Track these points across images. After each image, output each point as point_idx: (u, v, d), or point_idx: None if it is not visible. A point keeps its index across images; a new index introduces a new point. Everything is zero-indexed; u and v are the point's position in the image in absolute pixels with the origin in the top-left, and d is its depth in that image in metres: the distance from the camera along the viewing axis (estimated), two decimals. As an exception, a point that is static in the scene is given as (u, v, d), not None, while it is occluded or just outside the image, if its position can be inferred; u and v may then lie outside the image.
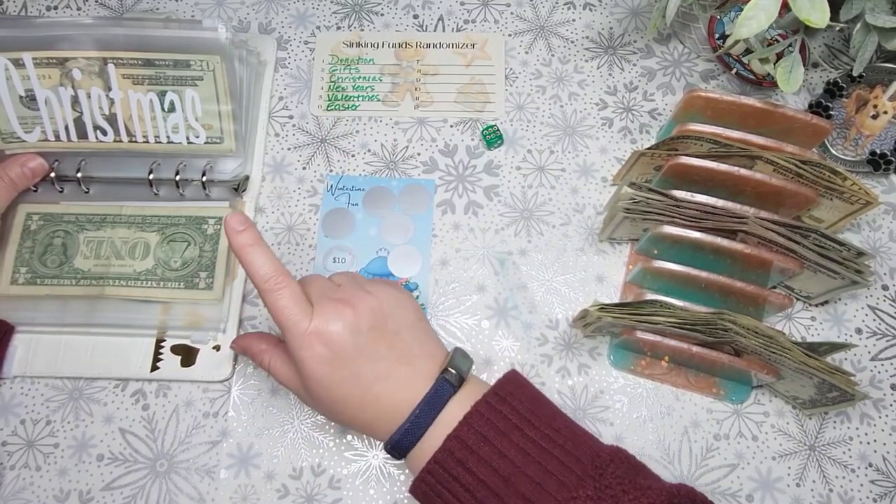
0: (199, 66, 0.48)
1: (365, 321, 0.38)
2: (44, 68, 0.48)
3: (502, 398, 0.38)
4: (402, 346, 0.39)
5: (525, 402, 0.38)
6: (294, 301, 0.38)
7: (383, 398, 0.38)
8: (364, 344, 0.38)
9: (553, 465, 0.35)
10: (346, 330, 0.38)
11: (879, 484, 0.46)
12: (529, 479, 0.35)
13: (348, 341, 0.38)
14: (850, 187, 0.44)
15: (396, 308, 0.40)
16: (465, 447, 0.36)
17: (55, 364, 0.48)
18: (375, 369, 0.38)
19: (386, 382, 0.38)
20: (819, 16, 0.41)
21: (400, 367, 0.39)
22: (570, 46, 0.57)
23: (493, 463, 0.36)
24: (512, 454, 0.36)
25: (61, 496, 0.45)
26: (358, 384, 0.38)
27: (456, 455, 0.36)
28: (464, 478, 0.36)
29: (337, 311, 0.38)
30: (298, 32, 0.58)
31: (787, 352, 0.41)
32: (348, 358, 0.38)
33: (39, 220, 0.50)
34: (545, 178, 0.53)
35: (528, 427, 0.37)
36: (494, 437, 0.36)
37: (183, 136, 0.50)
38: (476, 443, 0.36)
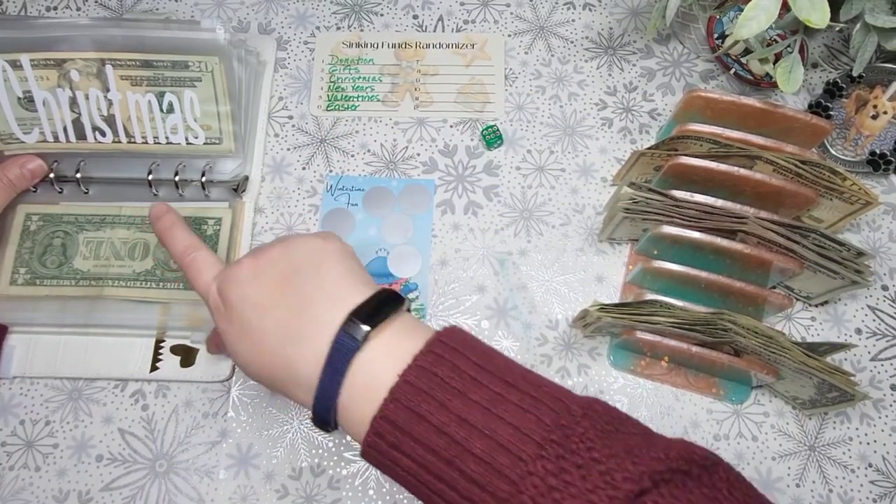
0: (198, 66, 0.48)
1: (263, 268, 0.34)
2: (41, 69, 0.48)
3: (439, 357, 0.31)
4: (299, 294, 0.33)
5: (469, 358, 0.31)
6: (206, 265, 0.36)
7: (281, 354, 0.32)
8: (255, 293, 0.33)
9: (505, 435, 0.28)
10: (240, 277, 0.34)
11: (879, 484, 0.45)
12: (476, 458, 0.28)
13: (235, 295, 0.34)
14: (850, 187, 0.44)
15: (308, 254, 0.35)
16: (397, 428, 0.29)
17: (54, 364, 0.48)
18: (269, 319, 0.33)
19: (281, 336, 0.32)
20: (819, 16, 0.41)
21: (295, 318, 0.33)
22: (569, 47, 0.57)
23: (432, 443, 0.29)
24: (452, 429, 0.29)
25: (60, 496, 0.45)
26: (253, 338, 0.33)
27: (387, 438, 0.30)
28: (402, 462, 0.30)
29: (237, 264, 0.35)
30: (298, 33, 0.57)
31: (787, 352, 0.41)
32: (240, 311, 0.33)
33: (39, 221, 0.50)
34: (545, 179, 0.53)
35: (473, 390, 0.30)
36: (429, 411, 0.29)
37: (182, 136, 0.50)
38: (408, 422, 0.29)
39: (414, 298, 0.50)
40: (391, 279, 0.50)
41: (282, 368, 0.33)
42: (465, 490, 0.28)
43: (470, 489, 0.28)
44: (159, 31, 0.47)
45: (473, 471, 0.28)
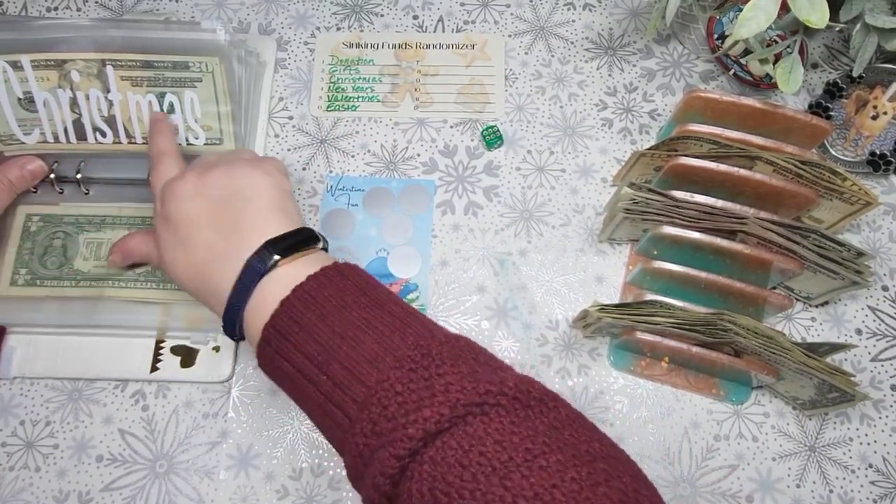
0: (198, 67, 0.48)
1: (204, 188, 0.39)
2: (42, 70, 0.48)
3: (328, 280, 0.35)
4: (230, 219, 0.38)
5: (357, 286, 0.35)
6: (166, 169, 0.41)
7: (205, 270, 0.37)
8: (192, 210, 0.38)
9: (370, 347, 0.32)
10: (182, 192, 0.38)
11: (879, 485, 0.45)
12: (342, 364, 0.32)
13: (174, 210, 0.38)
14: (850, 188, 0.44)
15: (246, 184, 0.39)
16: (280, 334, 0.34)
17: (55, 365, 0.48)
18: (198, 237, 0.38)
19: (207, 253, 0.37)
20: (818, 16, 0.41)
21: (222, 240, 0.37)
22: (569, 47, 0.57)
23: (308, 349, 0.33)
24: (325, 338, 0.33)
25: (61, 497, 0.45)
26: (183, 251, 0.38)
27: (273, 344, 0.34)
28: (284, 366, 0.34)
29: (182, 178, 0.39)
30: (298, 33, 0.58)
31: (787, 352, 0.41)
32: (174, 224, 0.38)
33: (39, 222, 0.50)
34: (545, 179, 0.53)
35: (353, 309, 0.34)
36: (310, 322, 0.33)
37: (182, 137, 0.50)
38: (289, 329, 0.34)
39: (414, 299, 0.50)
40: (391, 279, 0.50)
41: (204, 281, 0.37)
42: (329, 391, 0.32)
43: (333, 391, 0.32)
44: (160, 31, 0.47)
45: (338, 375, 0.32)
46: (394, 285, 0.50)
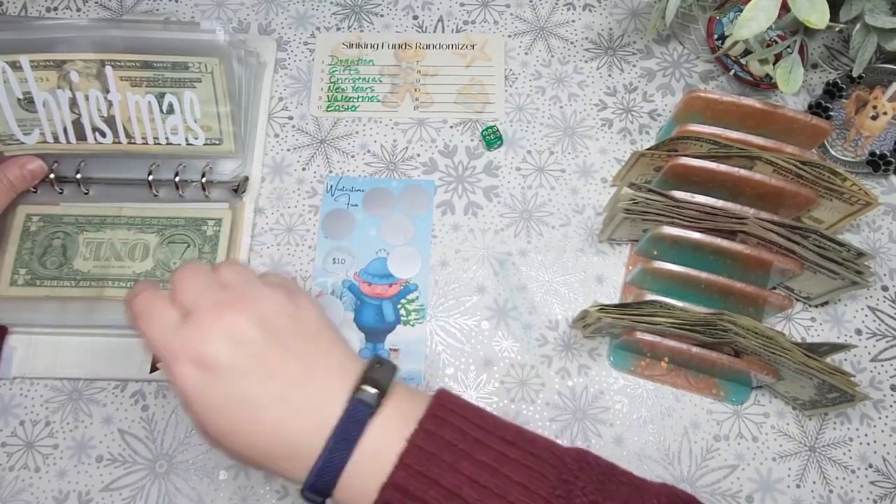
0: (198, 67, 0.48)
1: (249, 331, 0.30)
2: (41, 70, 0.48)
3: (442, 420, 0.30)
4: (299, 360, 0.31)
5: (469, 419, 0.31)
6: (161, 309, 0.31)
7: (280, 428, 0.30)
8: (247, 360, 0.30)
9: (516, 494, 0.29)
10: (224, 343, 0.30)
11: (879, 485, 0.45)
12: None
13: (225, 358, 0.30)
14: (850, 188, 0.44)
15: (293, 313, 0.32)
16: (407, 495, 0.29)
17: (54, 365, 0.48)
18: (265, 391, 0.30)
19: (281, 408, 0.30)
20: (818, 17, 0.41)
21: (297, 388, 0.30)
22: (569, 47, 0.57)
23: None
24: (465, 492, 0.29)
25: (60, 497, 0.45)
26: (244, 412, 0.30)
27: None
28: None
29: (214, 317, 0.30)
30: (298, 33, 0.58)
31: (787, 352, 0.41)
32: (227, 379, 0.30)
33: (39, 222, 0.50)
34: (545, 179, 0.53)
35: (478, 451, 0.30)
36: (440, 475, 0.29)
37: (182, 137, 0.50)
38: (419, 487, 0.29)
39: (414, 299, 0.50)
40: (391, 280, 0.50)
41: (277, 443, 0.30)
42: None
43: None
44: (159, 32, 0.47)
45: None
46: (394, 285, 0.50)
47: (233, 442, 0.30)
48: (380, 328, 0.49)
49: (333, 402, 0.30)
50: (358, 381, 0.31)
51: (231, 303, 0.31)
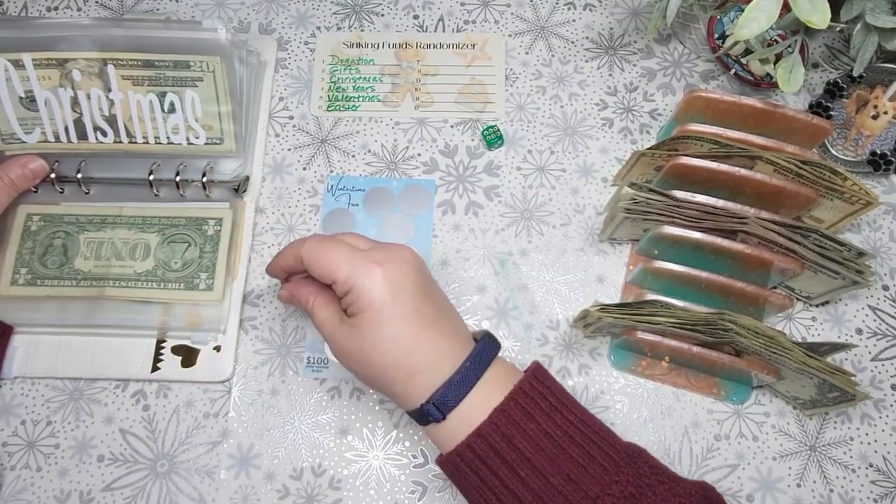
0: (199, 66, 0.48)
1: (418, 268, 0.38)
2: (43, 69, 0.48)
3: (541, 380, 0.38)
4: (443, 300, 0.39)
5: (558, 389, 0.38)
6: (342, 248, 0.38)
7: (434, 343, 0.37)
8: (423, 283, 0.38)
9: (594, 450, 0.35)
10: (408, 267, 0.37)
11: (880, 484, 0.46)
12: (574, 460, 0.35)
13: (411, 277, 0.37)
14: (851, 187, 0.44)
15: (425, 269, 0.40)
16: (512, 422, 0.35)
17: (55, 365, 0.48)
18: (430, 311, 0.37)
19: (439, 328, 0.37)
20: (820, 17, 0.41)
21: (447, 319, 0.38)
22: (570, 47, 0.57)
23: (539, 441, 0.35)
24: (557, 435, 0.35)
25: (62, 497, 0.45)
26: (412, 323, 0.36)
27: (502, 429, 0.35)
28: (507, 453, 0.35)
29: (393, 251, 0.38)
30: (299, 33, 0.58)
31: (788, 352, 0.41)
32: (410, 292, 0.37)
33: (40, 221, 0.50)
34: (545, 179, 0.53)
35: (566, 411, 0.37)
36: (539, 416, 0.36)
37: (183, 136, 0.50)
38: (522, 419, 0.35)
39: (415, 298, 0.50)
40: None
41: (422, 349, 0.36)
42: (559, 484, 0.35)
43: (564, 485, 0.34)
44: (160, 31, 0.47)
45: (570, 469, 0.35)
46: (394, 285, 0.50)
47: (389, 354, 0.36)
48: (380, 328, 0.49)
49: (465, 337, 0.38)
50: (477, 334, 0.39)
51: (395, 248, 0.39)
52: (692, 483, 0.37)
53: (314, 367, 0.48)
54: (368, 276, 0.36)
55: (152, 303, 0.48)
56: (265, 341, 0.49)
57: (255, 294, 0.50)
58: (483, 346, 0.38)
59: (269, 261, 0.42)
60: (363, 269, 0.36)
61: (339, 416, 0.47)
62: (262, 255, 0.51)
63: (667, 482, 0.36)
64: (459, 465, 0.36)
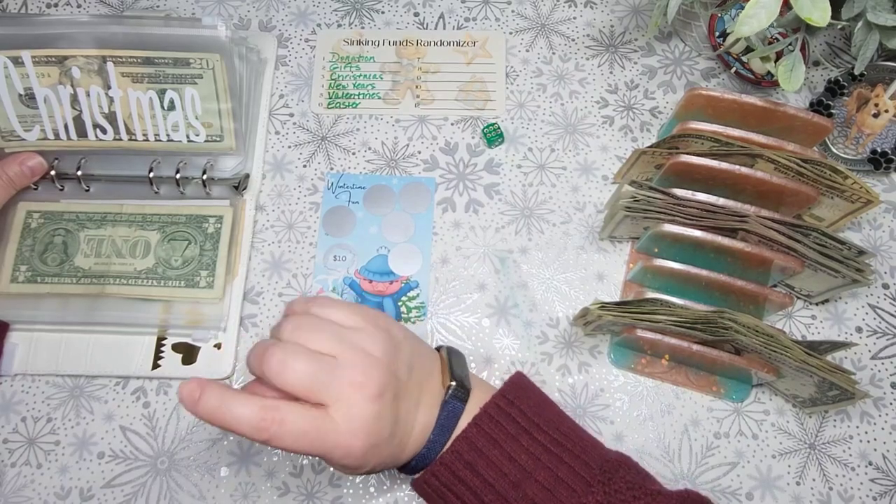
0: (199, 64, 0.48)
1: (395, 362, 0.36)
2: (43, 66, 0.48)
3: (510, 401, 0.37)
4: (417, 374, 0.37)
5: (532, 406, 0.38)
6: (302, 412, 0.33)
7: (411, 429, 0.36)
8: (400, 381, 0.36)
9: (563, 471, 0.35)
10: (384, 373, 0.34)
11: (879, 482, 0.46)
12: (539, 484, 0.35)
13: (389, 381, 0.34)
14: (851, 186, 0.44)
15: (403, 339, 0.38)
16: (475, 449, 0.35)
17: (56, 362, 0.48)
18: (407, 403, 0.36)
19: (413, 413, 0.36)
20: (820, 14, 0.41)
21: (420, 395, 0.37)
22: (570, 44, 0.57)
23: (503, 467, 0.35)
24: (522, 459, 0.35)
25: (62, 494, 0.45)
26: (394, 421, 0.35)
27: (464, 457, 0.35)
28: (471, 480, 0.35)
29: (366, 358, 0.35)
30: (299, 30, 0.57)
31: (788, 350, 0.41)
32: (391, 395, 0.34)
33: (40, 219, 0.50)
34: (546, 177, 0.53)
35: (536, 431, 0.36)
36: (504, 440, 0.36)
37: (183, 134, 0.50)
38: (485, 445, 0.35)
39: (415, 296, 0.50)
40: (392, 277, 0.50)
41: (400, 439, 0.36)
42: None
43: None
44: (160, 28, 0.47)
45: (536, 494, 0.34)
46: (394, 283, 0.50)
47: (380, 449, 0.35)
48: (381, 325, 0.49)
49: (436, 399, 0.37)
50: (447, 381, 0.38)
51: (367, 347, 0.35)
52: (672, 494, 0.37)
53: (314, 365, 0.48)
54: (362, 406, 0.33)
55: (153, 300, 0.48)
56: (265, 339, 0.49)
57: (256, 291, 0.50)
58: (450, 408, 0.37)
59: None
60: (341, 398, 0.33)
61: (339, 414, 0.47)
62: (262, 253, 0.51)
63: (643, 498, 0.35)
64: (427, 492, 0.37)
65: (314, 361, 0.33)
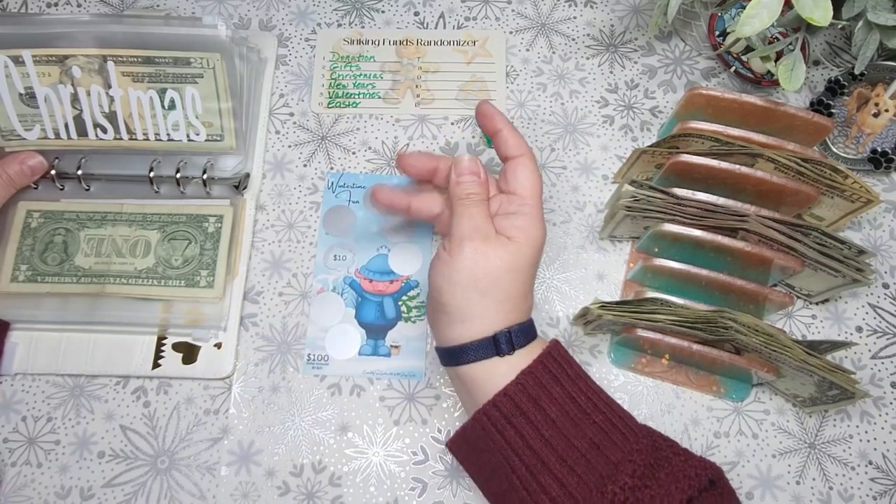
0: (199, 63, 0.48)
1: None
2: (43, 66, 0.48)
3: (564, 352, 0.39)
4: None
5: (579, 366, 0.39)
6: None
7: (524, 303, 0.40)
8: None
9: (615, 419, 0.36)
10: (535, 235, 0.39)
11: (879, 482, 0.46)
12: (597, 425, 0.36)
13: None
14: (851, 185, 0.44)
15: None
16: (539, 384, 0.36)
17: (56, 361, 0.48)
18: (532, 288, 0.40)
19: (531, 297, 0.40)
20: (821, 14, 0.41)
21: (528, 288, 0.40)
22: (571, 44, 0.57)
23: (565, 405, 0.36)
24: (582, 400, 0.36)
25: (62, 493, 0.45)
26: (527, 288, 0.39)
27: (528, 391, 0.36)
28: (533, 414, 0.36)
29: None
30: (299, 29, 0.57)
31: (788, 350, 0.41)
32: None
33: (40, 218, 0.50)
34: (546, 176, 0.53)
35: (590, 380, 0.38)
36: (566, 381, 0.37)
37: (183, 133, 0.50)
38: (549, 382, 0.36)
39: (415, 296, 0.50)
40: (392, 277, 0.50)
41: (515, 296, 0.38)
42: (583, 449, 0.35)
43: (588, 448, 0.35)
44: (161, 27, 0.47)
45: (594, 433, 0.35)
46: (395, 282, 0.50)
47: (490, 293, 0.37)
48: (381, 325, 0.49)
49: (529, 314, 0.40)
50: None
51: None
52: (703, 460, 0.37)
53: (314, 364, 0.48)
54: (465, 251, 0.37)
55: (153, 300, 0.48)
56: (266, 338, 0.49)
57: (256, 291, 0.50)
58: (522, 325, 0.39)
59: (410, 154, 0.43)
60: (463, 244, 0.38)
61: (339, 413, 0.47)
62: (263, 252, 0.51)
63: (682, 455, 0.36)
64: (486, 425, 0.37)
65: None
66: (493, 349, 0.37)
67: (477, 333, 0.38)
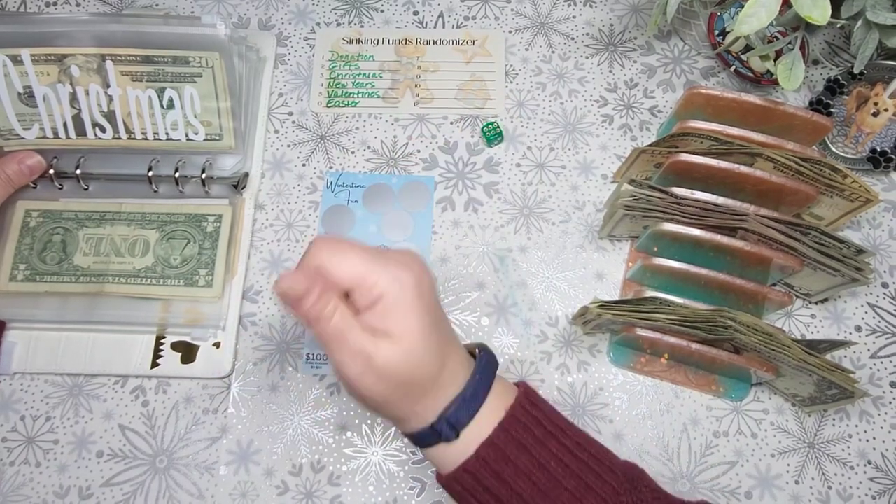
0: (198, 62, 0.48)
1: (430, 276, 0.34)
2: (42, 65, 0.48)
3: (534, 403, 0.35)
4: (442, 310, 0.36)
5: (549, 410, 0.35)
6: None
7: (446, 351, 0.34)
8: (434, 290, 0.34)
9: (591, 478, 0.33)
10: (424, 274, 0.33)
11: (878, 481, 0.46)
12: (569, 493, 0.33)
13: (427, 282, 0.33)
14: (851, 185, 0.44)
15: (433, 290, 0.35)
16: (503, 457, 0.33)
17: (55, 360, 0.48)
18: (448, 335, 0.35)
19: (448, 337, 0.34)
20: (820, 13, 0.41)
21: (450, 329, 0.35)
22: (570, 43, 0.57)
23: (532, 475, 0.33)
24: (552, 466, 0.33)
25: (61, 492, 0.45)
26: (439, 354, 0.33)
27: (491, 465, 0.33)
28: (497, 489, 0.33)
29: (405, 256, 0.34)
30: (298, 29, 0.57)
31: (787, 349, 0.41)
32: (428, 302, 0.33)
33: (39, 217, 0.50)
34: (545, 175, 0.53)
35: (562, 436, 0.34)
36: (533, 446, 0.33)
37: (182, 132, 0.50)
38: (514, 452, 0.33)
39: (414, 295, 0.50)
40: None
41: (429, 379, 0.33)
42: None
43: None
44: (159, 26, 0.47)
45: (566, 502, 0.33)
46: (394, 281, 0.50)
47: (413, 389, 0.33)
48: (380, 324, 0.49)
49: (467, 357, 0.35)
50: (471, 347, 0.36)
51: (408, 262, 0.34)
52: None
53: (313, 364, 0.48)
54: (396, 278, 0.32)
55: (152, 299, 0.48)
56: (264, 338, 0.49)
57: (255, 290, 0.50)
58: (487, 357, 0.35)
59: (280, 282, 0.32)
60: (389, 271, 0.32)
61: (338, 413, 0.47)
62: (262, 252, 0.51)
63: (663, 501, 0.35)
64: (455, 491, 0.34)
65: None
66: (437, 438, 0.33)
67: (416, 426, 0.34)
